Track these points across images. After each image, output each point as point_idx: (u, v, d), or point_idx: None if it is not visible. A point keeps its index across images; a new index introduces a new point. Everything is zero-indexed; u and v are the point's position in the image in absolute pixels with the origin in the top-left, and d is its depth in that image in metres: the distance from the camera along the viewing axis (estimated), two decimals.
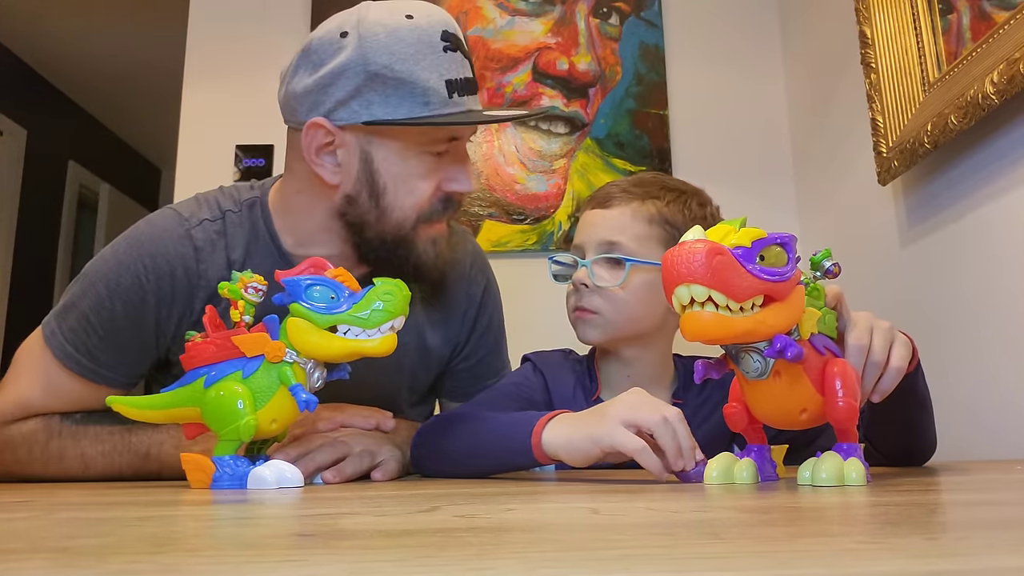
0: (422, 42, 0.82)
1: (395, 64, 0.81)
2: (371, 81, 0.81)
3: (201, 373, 0.69)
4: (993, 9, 1.09)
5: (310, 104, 0.84)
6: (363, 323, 0.67)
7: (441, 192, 0.89)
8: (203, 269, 0.89)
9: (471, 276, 1.06)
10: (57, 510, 0.50)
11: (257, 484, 0.65)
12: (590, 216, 1.00)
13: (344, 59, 0.82)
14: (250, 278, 0.70)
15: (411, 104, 0.82)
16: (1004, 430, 1.08)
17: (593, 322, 0.97)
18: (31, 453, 0.88)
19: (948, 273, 1.22)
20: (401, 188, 0.87)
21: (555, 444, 0.72)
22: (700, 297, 0.54)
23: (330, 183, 0.87)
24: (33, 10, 3.29)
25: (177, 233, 0.89)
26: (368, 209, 0.87)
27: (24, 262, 3.54)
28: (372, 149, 0.86)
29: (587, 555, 0.29)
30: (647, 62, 1.85)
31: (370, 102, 0.82)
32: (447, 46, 0.83)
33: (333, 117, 0.84)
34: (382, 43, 0.81)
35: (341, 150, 0.86)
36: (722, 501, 0.49)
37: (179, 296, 0.88)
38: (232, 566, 0.27)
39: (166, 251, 0.88)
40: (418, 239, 0.89)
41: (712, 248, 0.54)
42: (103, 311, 0.87)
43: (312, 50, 0.84)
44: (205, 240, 0.90)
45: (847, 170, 1.57)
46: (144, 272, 0.87)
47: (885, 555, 0.27)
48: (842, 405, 0.58)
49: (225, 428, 0.66)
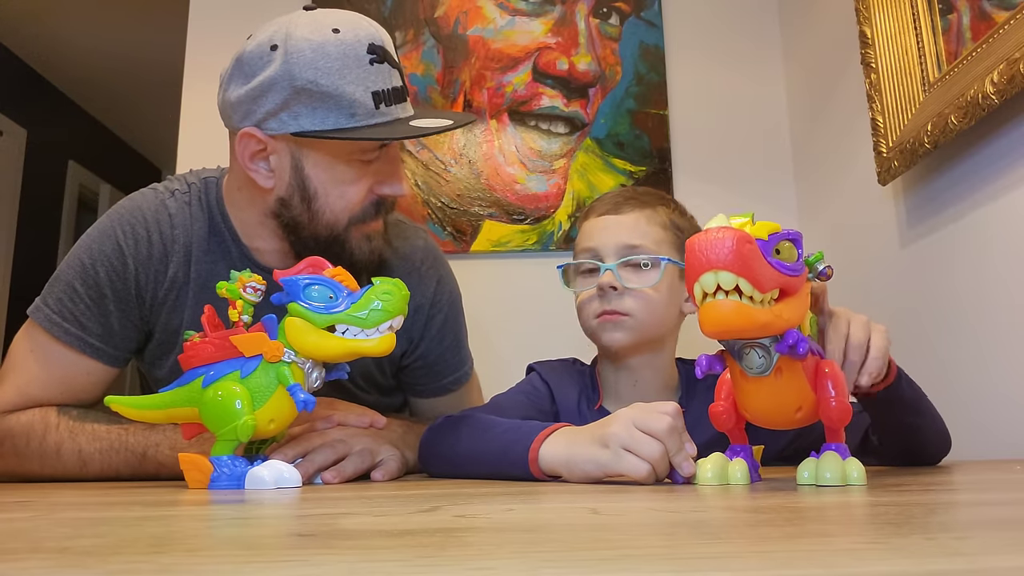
0: (347, 56, 0.84)
1: (320, 79, 0.83)
2: (298, 95, 0.84)
3: (199, 373, 0.69)
4: (993, 9, 1.09)
5: (243, 113, 0.87)
6: (361, 323, 0.67)
7: (373, 195, 0.92)
8: (176, 235, 0.95)
9: (421, 272, 1.06)
10: (57, 510, 0.50)
11: (255, 484, 0.65)
12: (603, 221, 1.00)
13: (272, 73, 0.84)
14: (248, 278, 0.70)
15: (337, 116, 0.85)
16: (1004, 430, 1.08)
17: (624, 324, 0.97)
18: (29, 445, 0.88)
19: (948, 273, 1.22)
20: (332, 193, 0.90)
21: (554, 461, 0.71)
22: (727, 284, 0.53)
23: (264, 187, 0.90)
24: (33, 10, 3.29)
25: (153, 203, 0.96)
26: (301, 212, 0.90)
27: (24, 262, 3.54)
28: (302, 157, 0.89)
29: (587, 555, 0.29)
30: (647, 62, 1.85)
31: (298, 114, 0.85)
32: (373, 58, 0.86)
33: (264, 127, 0.87)
34: (307, 59, 0.83)
35: (273, 156, 0.89)
36: (721, 501, 0.49)
37: (155, 258, 0.94)
38: (232, 566, 0.27)
39: (143, 217, 0.95)
40: (351, 238, 0.92)
41: (742, 236, 0.53)
42: (88, 279, 0.92)
43: (244, 61, 0.87)
44: (177, 209, 0.96)
45: (847, 170, 1.57)
46: (123, 237, 0.93)
47: (885, 555, 0.27)
48: (835, 405, 0.58)
49: (223, 428, 0.66)
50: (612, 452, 0.66)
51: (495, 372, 1.51)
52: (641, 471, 0.64)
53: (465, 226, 1.77)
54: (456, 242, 1.76)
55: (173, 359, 0.97)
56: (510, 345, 1.73)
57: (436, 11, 1.87)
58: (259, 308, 0.73)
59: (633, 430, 0.66)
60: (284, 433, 0.75)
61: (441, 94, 1.82)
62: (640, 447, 0.65)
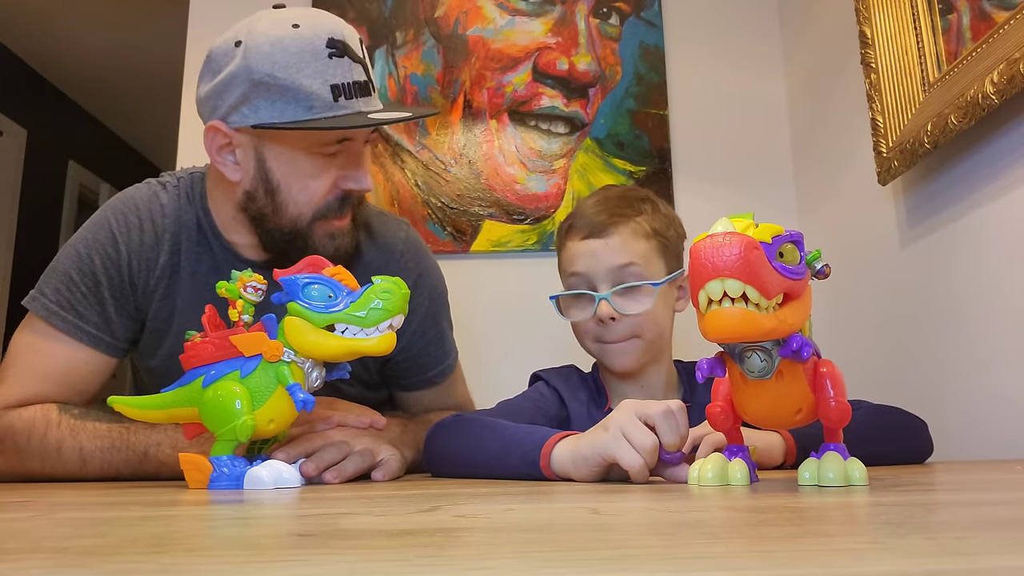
0: (304, 51, 0.86)
1: (277, 72, 0.85)
2: (256, 88, 0.86)
3: (199, 373, 0.68)
4: (993, 9, 1.09)
5: (210, 108, 0.91)
6: (361, 322, 0.66)
7: (337, 190, 0.93)
8: (167, 223, 0.98)
9: (401, 264, 1.06)
10: (57, 510, 0.50)
11: (254, 484, 0.65)
12: (588, 247, 1.00)
13: (233, 68, 0.87)
14: (249, 277, 0.69)
15: (295, 109, 0.86)
16: (1003, 430, 1.08)
17: (629, 349, 0.98)
18: (30, 442, 0.88)
19: (947, 273, 1.22)
20: (294, 186, 0.92)
21: (562, 459, 0.72)
22: (735, 292, 0.52)
23: (231, 180, 0.93)
24: (34, 10, 3.29)
25: (146, 193, 1.00)
26: (265, 204, 0.93)
27: (24, 262, 3.54)
28: (264, 150, 0.91)
29: (587, 555, 0.29)
30: (647, 62, 1.85)
31: (257, 107, 0.87)
32: (333, 52, 0.87)
33: (228, 120, 0.90)
34: (265, 53, 0.86)
35: (239, 149, 0.92)
36: (721, 501, 0.49)
37: (147, 245, 0.96)
38: (232, 566, 0.27)
39: (136, 206, 0.98)
40: (315, 233, 0.93)
41: (749, 242, 0.52)
42: (84, 267, 0.94)
43: (212, 58, 0.91)
44: (169, 200, 0.99)
45: (847, 170, 1.57)
46: (116, 225, 0.96)
47: (885, 555, 0.27)
48: (834, 405, 0.58)
49: (222, 428, 0.66)
50: (612, 435, 0.67)
51: (495, 372, 1.51)
52: (634, 463, 0.65)
53: (465, 226, 1.77)
54: (456, 242, 1.75)
55: (165, 348, 0.97)
56: (510, 345, 1.74)
57: (436, 11, 1.87)
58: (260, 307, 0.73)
59: (633, 417, 0.67)
60: (285, 433, 0.75)
61: (441, 94, 1.82)
62: (635, 434, 0.66)
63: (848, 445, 0.60)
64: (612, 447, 0.67)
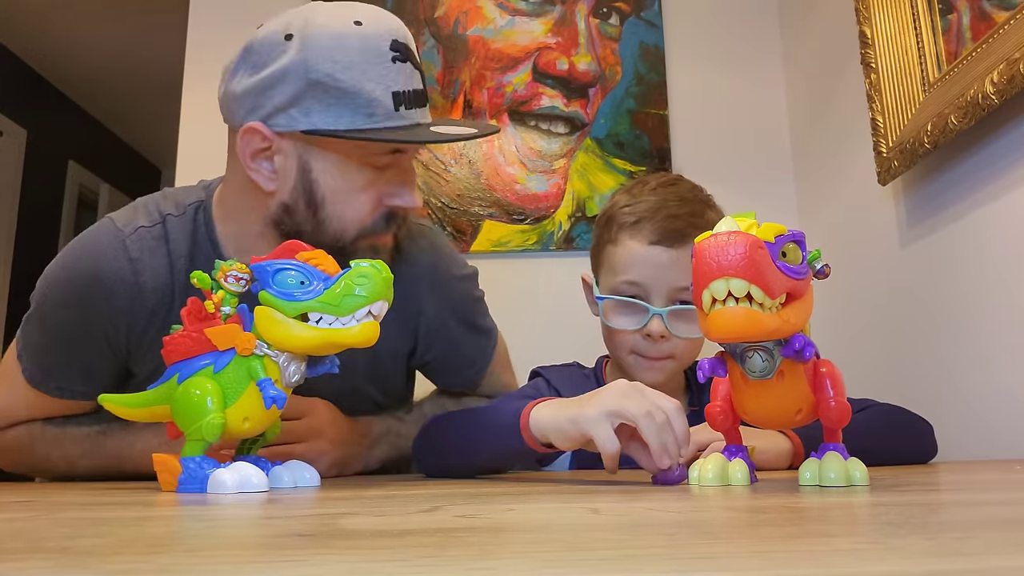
0: (369, 51, 0.78)
1: (338, 72, 0.77)
2: (312, 88, 0.77)
3: (176, 369, 0.64)
4: (993, 9, 1.08)
5: (248, 107, 0.80)
6: (335, 310, 0.60)
7: (383, 207, 0.85)
8: (142, 281, 0.86)
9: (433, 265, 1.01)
10: (57, 510, 0.50)
11: (216, 489, 0.59)
12: (655, 256, 0.92)
13: (286, 63, 0.77)
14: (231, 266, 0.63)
15: (353, 115, 0.78)
16: (1004, 429, 1.08)
17: (664, 367, 0.94)
18: (19, 458, 0.91)
19: (948, 273, 1.22)
20: (340, 200, 0.83)
21: (542, 422, 0.70)
22: (739, 292, 0.51)
23: (266, 190, 0.83)
24: (34, 10, 3.29)
25: (112, 248, 0.86)
26: (305, 219, 0.83)
27: (24, 262, 3.55)
28: (311, 158, 0.81)
29: (587, 555, 0.29)
30: (647, 62, 1.85)
31: (310, 110, 0.78)
32: (396, 56, 0.79)
33: (271, 123, 0.80)
34: (326, 49, 0.77)
35: (279, 156, 0.82)
36: (721, 501, 0.49)
37: (122, 312, 0.86)
38: (232, 566, 0.27)
39: (102, 271, 0.85)
40: (357, 252, 0.83)
41: (754, 241, 0.52)
42: (57, 332, 0.87)
43: (254, 50, 0.80)
44: (141, 249, 0.86)
45: (847, 170, 1.57)
46: (87, 299, 0.85)
47: (885, 555, 0.27)
48: (834, 405, 0.58)
49: (191, 427, 0.60)
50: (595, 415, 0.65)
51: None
52: (609, 448, 0.64)
53: (465, 226, 1.77)
54: (456, 242, 1.75)
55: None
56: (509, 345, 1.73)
57: (436, 11, 1.87)
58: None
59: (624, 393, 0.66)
60: (276, 431, 0.70)
61: (441, 94, 1.82)
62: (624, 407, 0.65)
63: (853, 445, 0.59)
64: (593, 427, 0.65)
